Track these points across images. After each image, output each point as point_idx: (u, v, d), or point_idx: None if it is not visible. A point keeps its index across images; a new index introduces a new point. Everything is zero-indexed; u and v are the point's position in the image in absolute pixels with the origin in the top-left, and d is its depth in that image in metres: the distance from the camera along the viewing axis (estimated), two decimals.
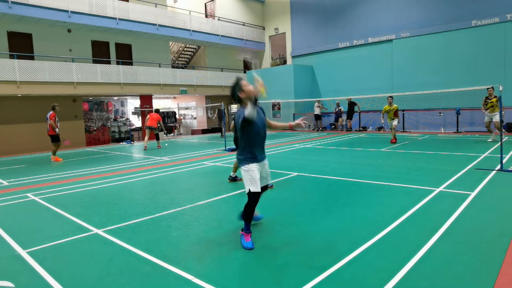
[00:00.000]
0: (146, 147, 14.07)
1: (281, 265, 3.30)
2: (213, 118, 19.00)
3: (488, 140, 11.66)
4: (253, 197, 3.76)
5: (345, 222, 4.45)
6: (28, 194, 6.79)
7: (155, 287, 3.01)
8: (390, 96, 12.73)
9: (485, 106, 11.39)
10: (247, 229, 3.83)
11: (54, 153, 11.81)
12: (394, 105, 12.48)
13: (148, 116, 14.60)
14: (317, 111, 20.19)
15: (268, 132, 20.89)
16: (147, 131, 14.31)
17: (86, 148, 16.74)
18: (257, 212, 4.41)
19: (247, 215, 3.82)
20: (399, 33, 18.67)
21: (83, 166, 10.34)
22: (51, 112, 11.64)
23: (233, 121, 4.23)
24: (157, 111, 15.15)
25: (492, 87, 11.22)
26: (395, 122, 12.53)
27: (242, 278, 3.09)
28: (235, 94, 3.78)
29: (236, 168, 6.98)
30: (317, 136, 16.77)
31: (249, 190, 3.73)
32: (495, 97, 11.16)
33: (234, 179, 7.11)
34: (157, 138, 14.77)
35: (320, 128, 20.54)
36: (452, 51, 16.99)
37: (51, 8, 15.05)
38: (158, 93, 20.10)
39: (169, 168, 9.34)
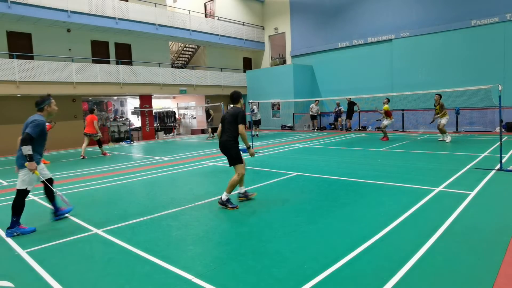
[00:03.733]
0: (83, 155, 12.29)
1: (281, 264, 3.30)
2: (209, 120, 18.69)
3: (439, 139, 12.49)
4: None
5: (345, 221, 4.45)
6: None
7: (155, 287, 3.01)
8: (386, 98, 13.57)
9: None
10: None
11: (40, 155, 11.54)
12: (385, 106, 13.38)
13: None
14: (313, 110, 20.02)
15: (267, 132, 20.53)
16: (85, 138, 12.53)
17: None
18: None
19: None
20: (399, 33, 18.67)
21: (83, 166, 10.33)
22: (48, 123, 11.17)
23: None
24: (92, 111, 12.71)
25: (439, 95, 12.07)
26: (385, 122, 13.44)
27: (242, 278, 3.09)
28: (43, 105, 4.74)
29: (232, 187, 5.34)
30: (316, 136, 16.78)
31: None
32: (438, 104, 11.94)
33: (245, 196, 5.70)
34: (100, 145, 12.91)
35: (316, 128, 20.40)
36: (451, 51, 17.00)
37: (50, 8, 15.02)
38: (157, 93, 20.10)
39: (169, 168, 9.34)
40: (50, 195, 5.07)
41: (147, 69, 18.97)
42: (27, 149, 4.36)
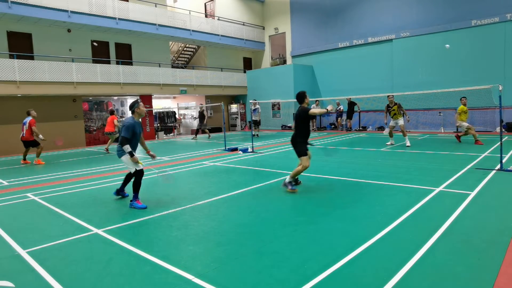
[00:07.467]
0: (107, 149, 13.68)
1: (282, 264, 3.30)
2: (204, 122, 18.53)
3: (387, 143, 11.99)
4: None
5: (345, 221, 4.45)
6: (28, 194, 6.78)
7: (155, 287, 3.01)
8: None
9: (388, 114, 11.60)
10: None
11: (38, 155, 11.35)
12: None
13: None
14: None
15: (268, 132, 20.58)
16: (109, 137, 13.84)
17: (86, 148, 16.73)
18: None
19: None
20: (399, 33, 18.66)
21: (83, 166, 10.34)
22: (30, 118, 11.03)
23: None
24: (112, 112, 13.76)
25: (392, 95, 11.47)
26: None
27: (242, 278, 3.09)
28: (133, 108, 5.61)
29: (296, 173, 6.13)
30: (317, 136, 16.77)
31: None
32: (395, 104, 11.32)
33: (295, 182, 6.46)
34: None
35: (315, 128, 20.36)
36: (452, 51, 16.96)
37: (51, 8, 15.03)
38: (158, 93, 20.10)
39: (170, 168, 9.34)
40: (128, 179, 6.07)
41: (147, 69, 18.97)
42: (127, 148, 5.37)
